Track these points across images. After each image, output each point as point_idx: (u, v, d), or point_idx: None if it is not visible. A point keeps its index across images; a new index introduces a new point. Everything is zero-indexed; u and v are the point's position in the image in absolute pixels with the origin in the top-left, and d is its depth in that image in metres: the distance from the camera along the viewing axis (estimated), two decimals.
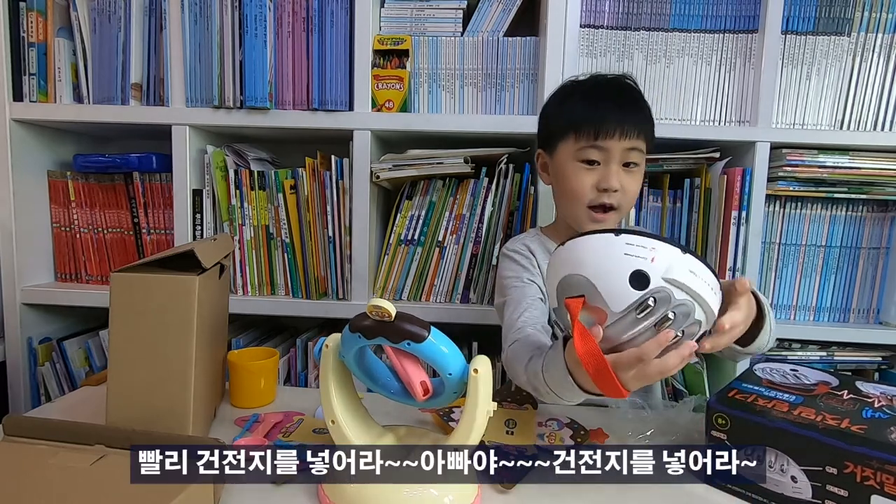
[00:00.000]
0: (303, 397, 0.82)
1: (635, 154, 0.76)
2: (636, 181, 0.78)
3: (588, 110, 0.76)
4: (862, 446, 0.49)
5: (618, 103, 0.76)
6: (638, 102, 0.79)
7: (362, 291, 1.09)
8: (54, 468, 0.48)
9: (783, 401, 0.58)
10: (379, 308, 0.48)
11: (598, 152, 0.75)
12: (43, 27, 1.11)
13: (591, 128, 0.74)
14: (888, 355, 1.10)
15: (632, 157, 0.76)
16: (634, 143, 0.75)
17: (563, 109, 0.80)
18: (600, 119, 0.74)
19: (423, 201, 1.10)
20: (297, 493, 0.55)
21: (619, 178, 0.75)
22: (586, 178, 0.76)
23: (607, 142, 0.74)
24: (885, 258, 1.09)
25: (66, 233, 1.21)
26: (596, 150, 0.75)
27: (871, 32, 1.03)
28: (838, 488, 0.50)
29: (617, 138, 0.74)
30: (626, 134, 0.74)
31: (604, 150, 0.75)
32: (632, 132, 0.74)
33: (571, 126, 0.77)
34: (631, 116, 0.75)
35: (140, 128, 1.15)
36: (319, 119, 1.07)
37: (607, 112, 0.74)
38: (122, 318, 0.59)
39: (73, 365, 1.19)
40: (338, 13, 1.05)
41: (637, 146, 0.75)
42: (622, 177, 0.76)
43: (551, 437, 0.67)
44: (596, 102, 0.77)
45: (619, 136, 0.74)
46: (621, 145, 0.74)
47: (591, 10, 1.05)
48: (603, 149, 0.75)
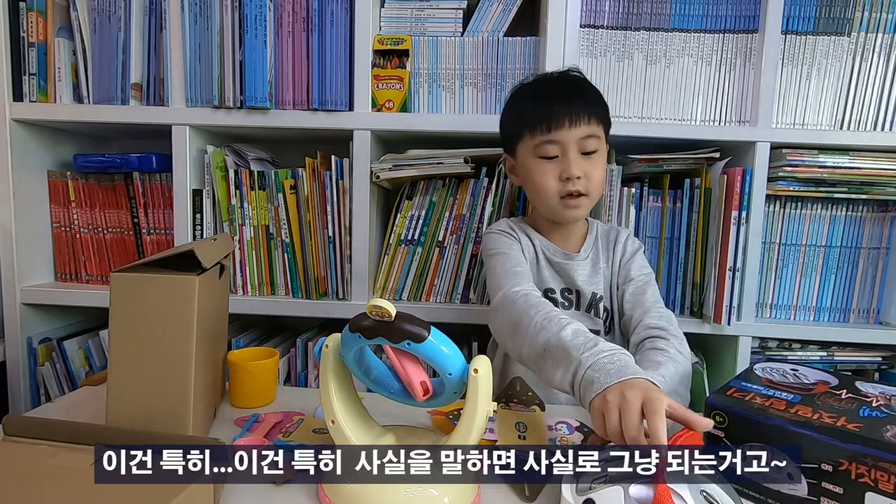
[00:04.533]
0: (303, 397, 0.81)
1: (592, 141, 0.79)
2: (598, 166, 0.81)
3: (536, 106, 0.80)
4: (857, 444, 0.49)
5: (563, 94, 0.80)
6: (584, 90, 0.82)
7: (362, 291, 1.09)
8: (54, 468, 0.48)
9: (781, 399, 0.58)
10: (379, 308, 0.48)
11: (553, 146, 0.79)
12: (43, 27, 1.11)
13: (542, 121, 0.78)
14: (888, 355, 1.10)
15: (589, 144, 0.79)
16: (588, 130, 0.78)
17: (515, 112, 0.85)
18: (548, 113, 0.78)
19: (423, 201, 1.10)
20: (297, 493, 0.55)
21: (579, 165, 0.78)
22: (548, 172, 0.80)
23: (560, 133, 0.77)
24: (885, 258, 1.09)
25: (66, 233, 1.21)
26: (551, 144, 0.78)
27: (871, 32, 1.03)
28: (833, 485, 0.51)
29: (567, 127, 0.77)
30: (576, 121, 0.77)
31: (558, 143, 0.78)
32: (581, 119, 0.78)
33: (524, 125, 0.81)
34: (578, 104, 0.78)
35: (140, 128, 1.15)
36: (319, 119, 1.07)
37: (554, 104, 0.78)
38: (122, 318, 0.59)
39: (73, 365, 1.19)
40: (338, 13, 1.05)
41: (592, 132, 0.79)
42: (582, 164, 0.79)
43: (563, 441, 0.66)
44: (543, 98, 0.80)
45: (569, 124, 0.77)
46: (574, 134, 0.78)
47: (591, 10, 1.05)
48: (557, 141, 0.78)
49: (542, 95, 0.81)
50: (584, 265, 0.87)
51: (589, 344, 0.60)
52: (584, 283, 0.86)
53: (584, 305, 0.86)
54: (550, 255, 0.87)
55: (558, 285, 0.87)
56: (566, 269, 0.86)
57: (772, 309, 1.12)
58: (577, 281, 0.86)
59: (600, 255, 0.89)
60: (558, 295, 0.87)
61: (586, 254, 0.88)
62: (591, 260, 0.88)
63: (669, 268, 1.09)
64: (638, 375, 0.55)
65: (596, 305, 0.86)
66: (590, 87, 0.84)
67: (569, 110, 0.77)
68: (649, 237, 1.09)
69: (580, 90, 0.82)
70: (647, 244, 1.09)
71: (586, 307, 0.86)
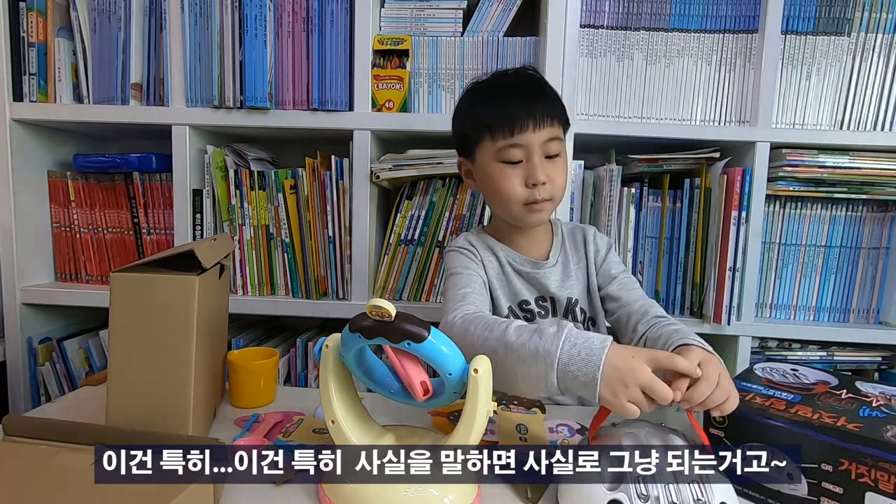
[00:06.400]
0: (303, 397, 0.81)
1: (555, 144, 0.76)
2: (561, 170, 0.78)
3: (496, 108, 0.75)
4: (857, 444, 0.49)
5: (524, 95, 0.76)
6: (544, 90, 0.79)
7: (362, 291, 1.09)
8: (54, 468, 0.48)
9: (781, 399, 0.58)
10: (379, 308, 0.48)
11: (518, 150, 0.75)
12: (43, 27, 1.11)
13: (504, 124, 0.74)
14: (888, 355, 1.10)
15: (552, 148, 0.76)
16: (551, 133, 0.75)
17: (472, 113, 0.79)
18: (510, 113, 0.74)
19: (423, 201, 1.10)
20: (297, 493, 0.55)
21: (544, 170, 0.75)
22: (513, 178, 0.76)
23: (524, 136, 0.74)
24: (885, 258, 1.09)
25: (66, 233, 1.21)
26: (515, 148, 0.74)
27: (871, 32, 1.03)
28: (834, 485, 0.51)
29: (532, 130, 0.73)
30: (540, 124, 0.74)
31: (523, 147, 0.74)
32: (545, 121, 0.74)
33: (484, 127, 0.76)
34: (540, 105, 0.74)
35: (140, 128, 1.15)
36: (319, 119, 1.07)
37: (515, 106, 0.74)
38: (122, 318, 0.59)
39: (73, 365, 1.19)
40: (338, 13, 1.05)
41: (554, 135, 0.76)
42: (547, 168, 0.75)
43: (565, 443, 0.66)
44: (502, 99, 0.76)
45: (532, 127, 0.73)
46: (538, 137, 0.74)
47: (591, 10, 1.05)
48: (521, 145, 0.74)
49: (501, 97, 0.77)
50: (555, 271, 0.84)
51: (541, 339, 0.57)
52: (557, 290, 0.82)
53: (561, 311, 0.84)
54: (518, 265, 0.83)
55: (532, 295, 0.84)
56: (537, 277, 0.83)
57: (772, 309, 1.12)
58: (549, 288, 0.82)
59: (570, 257, 0.85)
60: (533, 305, 0.83)
61: (555, 259, 0.84)
62: (560, 265, 0.85)
63: (669, 268, 1.09)
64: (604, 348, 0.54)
65: (573, 310, 0.83)
66: (549, 86, 0.81)
67: (532, 111, 0.73)
68: (649, 237, 1.09)
69: (541, 90, 0.78)
70: (647, 244, 1.09)
71: (563, 313, 0.83)
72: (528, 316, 0.83)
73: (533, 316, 0.82)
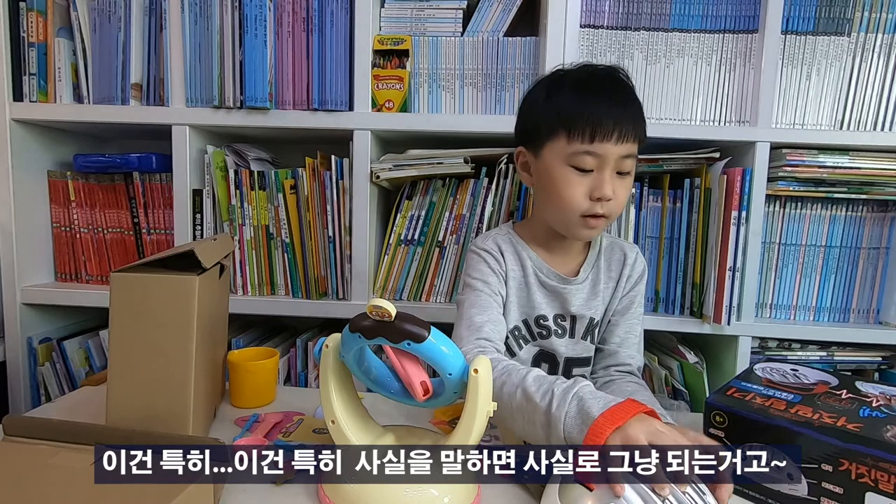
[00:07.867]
0: (303, 397, 0.82)
1: (629, 162, 0.71)
2: (627, 188, 0.73)
3: (581, 105, 0.69)
4: (857, 444, 0.49)
5: (614, 100, 0.70)
6: (634, 101, 0.73)
7: (362, 291, 1.09)
8: (54, 468, 0.48)
9: (781, 399, 0.58)
10: (379, 308, 0.48)
11: (592, 159, 0.69)
12: (43, 27, 1.11)
13: (586, 127, 0.68)
14: (888, 355, 1.10)
15: (625, 165, 0.70)
16: (630, 149, 0.70)
17: (551, 105, 0.72)
18: (596, 117, 0.67)
19: (423, 201, 1.10)
20: (297, 493, 0.55)
21: (612, 186, 0.70)
22: (579, 187, 0.70)
23: (604, 146, 0.68)
24: (885, 258, 1.09)
25: (66, 233, 1.21)
26: (590, 155, 0.69)
27: (871, 32, 1.03)
28: (834, 485, 0.51)
29: (613, 142, 0.68)
30: (623, 137, 0.68)
31: (598, 157, 0.69)
32: (629, 135, 0.69)
33: (562, 123, 0.69)
34: (628, 117, 0.69)
35: (140, 128, 1.15)
36: (319, 119, 1.07)
37: (603, 109, 0.68)
38: (122, 318, 0.59)
39: (73, 365, 1.19)
40: (338, 13, 1.05)
41: (631, 152, 0.70)
42: (615, 184, 0.70)
43: None
44: (590, 96, 0.70)
45: (615, 139, 0.68)
46: (617, 151, 0.69)
47: (591, 10, 1.05)
48: (598, 155, 0.69)
49: (588, 96, 0.70)
50: (582, 289, 0.79)
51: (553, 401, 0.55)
52: (579, 308, 0.78)
53: (581, 332, 0.79)
54: (544, 277, 0.78)
55: (552, 311, 0.79)
56: (562, 293, 0.78)
57: (772, 309, 1.12)
58: (571, 307, 0.78)
59: (601, 274, 0.80)
60: (551, 322, 0.79)
61: (585, 275, 0.79)
62: (590, 281, 0.79)
63: (669, 268, 1.09)
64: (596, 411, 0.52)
65: (592, 331, 0.79)
66: (638, 98, 0.73)
67: (618, 122, 0.67)
68: (649, 237, 1.09)
69: (631, 100, 0.72)
70: (647, 244, 1.09)
71: (582, 334, 0.79)
72: (542, 332, 0.79)
73: (549, 333, 0.78)
